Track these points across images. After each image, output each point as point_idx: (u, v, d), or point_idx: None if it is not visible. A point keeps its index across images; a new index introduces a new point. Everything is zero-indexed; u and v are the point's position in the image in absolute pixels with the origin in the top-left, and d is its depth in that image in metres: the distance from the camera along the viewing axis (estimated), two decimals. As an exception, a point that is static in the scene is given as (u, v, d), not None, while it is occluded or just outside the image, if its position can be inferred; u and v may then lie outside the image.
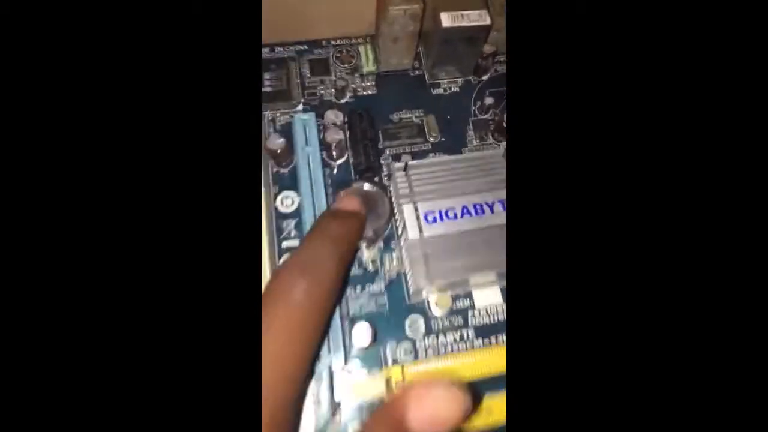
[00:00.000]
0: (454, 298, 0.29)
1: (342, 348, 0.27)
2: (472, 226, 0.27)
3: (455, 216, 0.28)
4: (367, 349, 0.27)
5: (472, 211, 0.28)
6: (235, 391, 0.11)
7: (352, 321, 0.28)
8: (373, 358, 0.27)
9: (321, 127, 0.31)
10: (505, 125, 0.32)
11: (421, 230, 0.27)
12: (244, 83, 0.13)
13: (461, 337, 0.28)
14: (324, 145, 0.31)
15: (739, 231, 0.12)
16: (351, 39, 0.35)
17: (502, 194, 0.28)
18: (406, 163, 0.29)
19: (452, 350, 0.28)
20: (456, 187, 0.28)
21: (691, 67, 0.12)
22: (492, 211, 0.28)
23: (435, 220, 0.28)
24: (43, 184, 0.11)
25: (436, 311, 0.28)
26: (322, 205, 0.29)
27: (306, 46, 0.34)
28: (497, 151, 0.31)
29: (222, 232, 0.12)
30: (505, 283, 0.29)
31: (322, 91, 0.33)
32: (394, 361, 0.27)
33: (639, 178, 0.12)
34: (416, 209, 0.28)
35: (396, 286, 0.29)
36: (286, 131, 0.31)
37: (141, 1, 0.12)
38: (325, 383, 0.26)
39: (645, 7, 0.13)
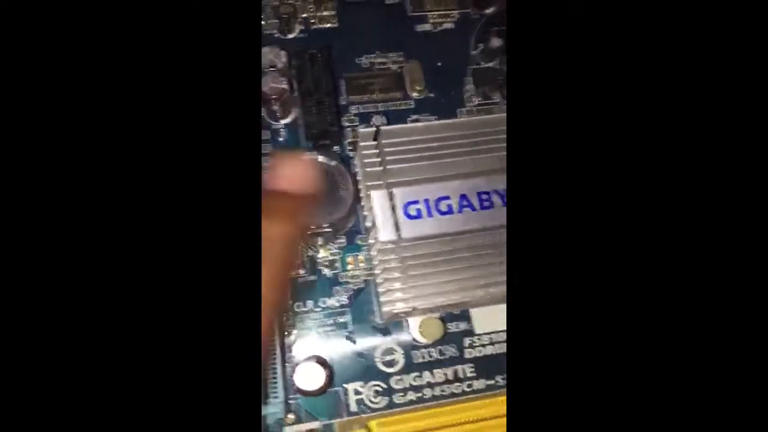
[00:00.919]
0: (446, 319, 0.25)
1: (282, 393, 0.24)
2: (474, 225, 0.24)
3: (449, 210, 0.24)
4: (317, 394, 0.24)
5: (475, 202, 0.24)
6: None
7: (296, 360, 0.24)
8: (326, 407, 0.24)
9: (257, 73, 0.29)
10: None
11: (398, 228, 0.23)
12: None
13: (456, 376, 0.25)
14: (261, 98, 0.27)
15: (739, 230, 0.14)
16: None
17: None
18: (378, 128, 0.25)
19: (442, 395, 0.24)
20: (450, 166, 0.24)
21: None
22: (503, 203, 0.24)
23: (419, 214, 0.23)
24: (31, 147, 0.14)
25: (420, 338, 0.25)
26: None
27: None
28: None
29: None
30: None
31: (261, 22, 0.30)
32: (360, 410, 0.24)
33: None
34: (391, 197, 0.24)
35: (363, 299, 0.26)
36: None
37: None
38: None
39: None
